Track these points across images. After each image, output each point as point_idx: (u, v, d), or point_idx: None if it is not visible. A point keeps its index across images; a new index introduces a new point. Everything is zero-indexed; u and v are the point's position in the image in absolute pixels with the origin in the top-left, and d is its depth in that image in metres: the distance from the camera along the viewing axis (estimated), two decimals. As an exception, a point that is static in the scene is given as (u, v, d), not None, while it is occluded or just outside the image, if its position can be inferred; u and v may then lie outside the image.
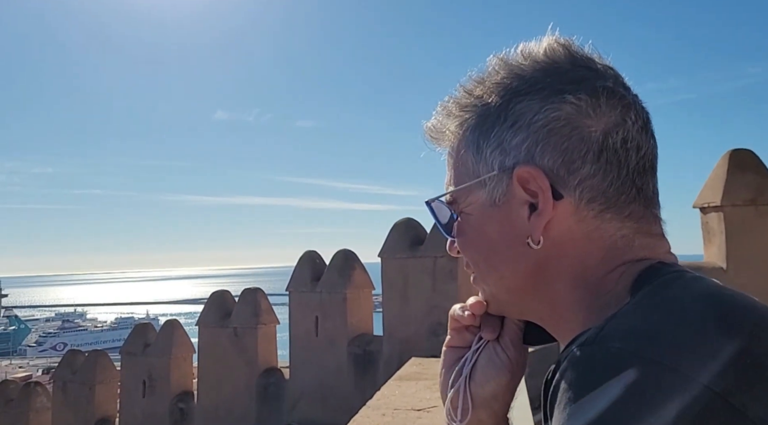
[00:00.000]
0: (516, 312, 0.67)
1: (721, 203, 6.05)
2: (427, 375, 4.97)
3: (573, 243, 0.59)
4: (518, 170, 0.59)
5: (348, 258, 8.73)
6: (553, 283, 0.61)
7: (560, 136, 0.59)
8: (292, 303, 8.99)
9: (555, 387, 0.49)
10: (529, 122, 0.60)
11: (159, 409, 9.71)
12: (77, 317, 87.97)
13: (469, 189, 0.64)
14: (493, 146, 0.61)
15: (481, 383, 0.67)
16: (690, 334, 0.47)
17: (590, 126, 0.59)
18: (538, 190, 0.59)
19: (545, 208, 0.59)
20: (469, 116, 0.64)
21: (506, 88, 0.62)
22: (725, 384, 0.44)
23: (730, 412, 0.43)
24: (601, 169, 0.59)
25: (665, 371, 0.44)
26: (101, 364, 10.70)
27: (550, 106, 0.59)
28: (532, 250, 0.60)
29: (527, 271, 0.61)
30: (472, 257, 0.66)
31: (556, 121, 0.59)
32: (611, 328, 0.49)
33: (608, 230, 0.59)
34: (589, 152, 0.58)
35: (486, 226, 0.63)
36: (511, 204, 0.61)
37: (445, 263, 7.58)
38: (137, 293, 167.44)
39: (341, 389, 8.17)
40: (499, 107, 0.62)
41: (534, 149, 0.59)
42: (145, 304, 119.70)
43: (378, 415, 3.71)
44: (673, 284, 0.54)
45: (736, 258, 5.96)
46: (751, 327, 0.48)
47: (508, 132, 0.61)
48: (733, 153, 6.19)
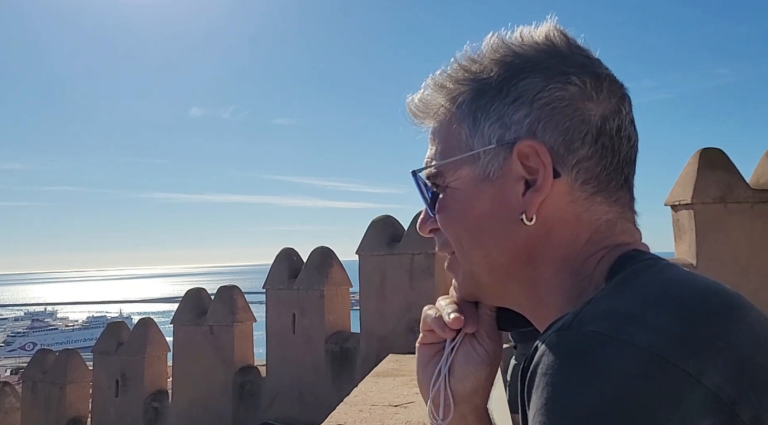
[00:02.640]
0: (493, 297, 0.66)
1: (691, 201, 6.19)
2: (404, 371, 4.99)
3: (563, 223, 0.60)
4: (520, 144, 0.59)
5: (325, 255, 8.70)
6: (538, 264, 0.61)
7: (562, 115, 0.59)
8: (269, 301, 8.92)
9: (532, 372, 0.49)
10: (533, 99, 0.59)
11: (132, 408, 9.55)
12: (47, 316, 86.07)
13: (459, 162, 0.62)
14: (492, 120, 0.61)
15: (460, 379, 0.66)
16: (664, 317, 0.47)
17: (591, 109, 0.60)
18: (539, 165, 0.59)
19: (544, 184, 0.58)
20: (465, 90, 0.63)
21: (508, 65, 0.62)
22: (701, 367, 0.44)
23: (705, 394, 0.44)
24: (597, 153, 0.60)
25: (642, 353, 0.45)
26: (72, 363, 10.47)
27: (554, 85, 0.60)
28: (522, 228, 0.60)
29: (515, 249, 0.61)
30: (456, 234, 0.64)
31: (560, 100, 0.59)
32: (587, 312, 0.49)
33: (597, 213, 0.60)
34: (588, 134, 0.59)
35: (475, 201, 0.62)
36: (506, 179, 0.60)
37: (422, 261, 7.60)
38: (110, 292, 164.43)
39: (318, 386, 8.15)
40: (500, 82, 0.61)
41: (536, 125, 0.59)
42: (118, 303, 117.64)
43: (355, 411, 3.71)
44: (648, 270, 0.55)
45: (705, 254, 6.10)
46: (723, 311, 0.49)
47: (509, 107, 0.60)
48: (703, 152, 6.33)
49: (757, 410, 0.45)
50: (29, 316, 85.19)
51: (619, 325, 0.47)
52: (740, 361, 0.46)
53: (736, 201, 6.18)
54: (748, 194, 6.22)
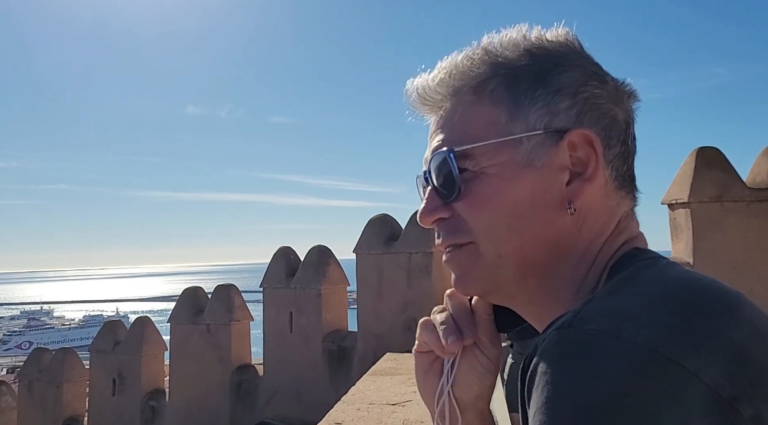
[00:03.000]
0: (507, 293, 0.63)
1: (688, 200, 6.20)
2: (401, 370, 4.99)
3: (595, 216, 0.61)
4: (573, 132, 0.59)
5: (323, 254, 8.69)
6: (566, 257, 0.60)
7: (601, 112, 0.61)
8: (266, 299, 8.91)
9: (533, 371, 0.49)
10: (575, 92, 0.60)
11: (129, 407, 9.53)
12: (43, 315, 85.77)
13: (496, 146, 0.60)
14: (538, 106, 0.59)
15: (465, 390, 0.66)
16: (664, 315, 0.47)
17: (618, 112, 0.62)
18: (590, 155, 0.59)
19: (595, 174, 0.59)
20: (502, 73, 0.61)
21: (545, 57, 0.61)
22: (701, 364, 0.45)
23: (705, 391, 0.44)
24: (624, 153, 0.62)
25: (642, 351, 0.45)
26: (69, 362, 10.44)
27: (593, 82, 0.61)
28: (560, 218, 0.59)
29: (551, 240, 0.59)
30: (488, 222, 0.60)
31: (598, 97, 0.61)
32: (587, 311, 0.49)
33: (623, 208, 0.62)
34: (621, 134, 0.62)
35: (515, 187, 0.59)
36: (550, 168, 0.59)
37: (419, 260, 7.60)
38: (106, 291, 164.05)
39: (316, 385, 8.14)
40: (540, 71, 0.61)
41: (582, 116, 0.60)
42: (115, 301, 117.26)
43: (353, 410, 3.71)
44: (649, 269, 0.55)
45: (702, 253, 6.12)
46: (723, 309, 0.49)
47: (553, 96, 0.60)
48: (699, 151, 6.34)
49: (757, 407, 0.45)
50: (25, 315, 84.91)
51: (619, 323, 0.47)
52: (740, 358, 0.46)
53: (732, 200, 6.19)
54: (744, 193, 6.23)
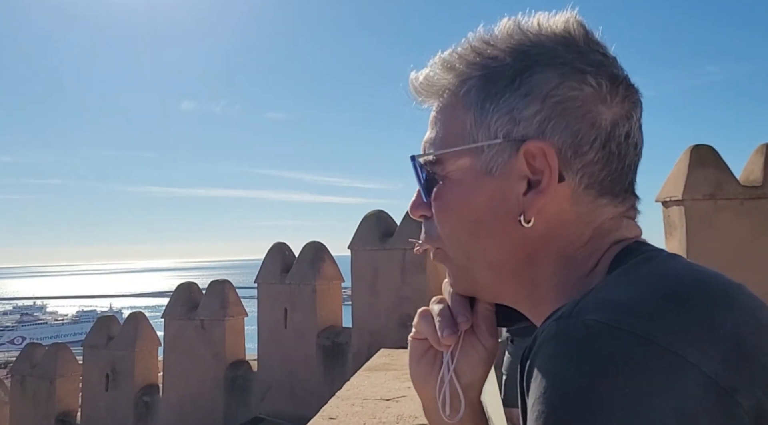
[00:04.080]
0: (490, 293, 0.64)
1: (682, 197, 6.23)
2: (396, 365, 5.00)
3: (564, 225, 0.59)
4: (529, 144, 0.57)
5: (317, 250, 8.68)
6: (538, 263, 0.60)
7: (574, 117, 0.57)
8: (261, 295, 8.89)
9: (532, 361, 0.49)
10: (545, 96, 0.57)
11: (123, 403, 9.50)
12: (36, 310, 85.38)
13: (461, 153, 0.60)
14: (501, 113, 0.58)
15: (458, 375, 0.66)
16: (664, 305, 0.47)
17: (602, 113, 0.58)
18: (545, 168, 0.57)
19: (547, 187, 0.57)
20: (475, 74, 0.60)
21: (524, 55, 0.59)
22: (701, 354, 0.44)
23: (704, 381, 0.44)
24: (604, 158, 0.58)
25: (641, 341, 0.45)
26: (62, 357, 10.40)
27: (569, 83, 0.57)
28: (520, 227, 0.58)
29: (514, 248, 0.59)
30: (452, 227, 0.61)
31: (573, 100, 0.57)
32: (586, 302, 0.49)
33: (601, 215, 0.59)
34: (597, 139, 0.57)
35: (474, 195, 0.59)
36: (508, 177, 0.58)
37: (414, 256, 7.60)
38: (100, 286, 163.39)
39: (310, 381, 8.15)
40: (514, 72, 0.58)
41: (546, 124, 0.57)
42: (108, 297, 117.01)
43: (347, 405, 3.72)
44: (649, 261, 0.55)
45: (695, 251, 6.15)
46: (724, 300, 0.49)
47: (520, 101, 0.57)
48: (694, 149, 6.37)
49: (757, 397, 0.45)
50: (18, 310, 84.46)
51: (619, 314, 0.46)
52: (741, 349, 0.46)
53: (726, 198, 6.22)
54: (737, 190, 6.26)
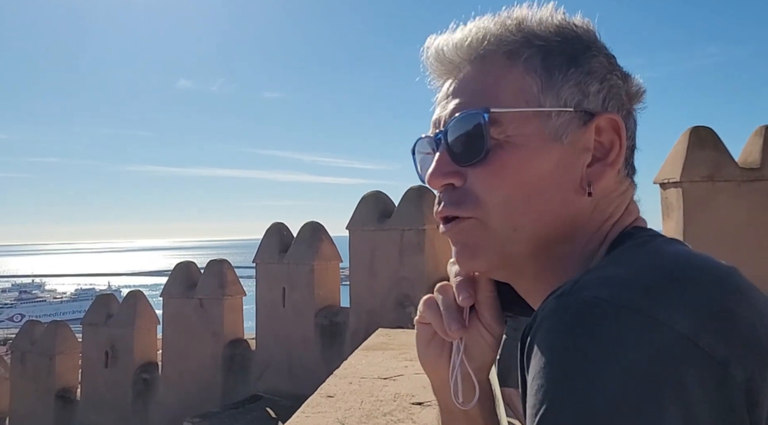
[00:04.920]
0: (516, 269, 0.62)
1: (680, 179, 6.23)
2: (393, 345, 5.04)
3: (608, 200, 0.62)
4: (602, 117, 0.60)
5: (316, 230, 8.69)
6: (578, 237, 0.60)
7: (621, 103, 0.62)
8: (259, 275, 8.93)
9: (532, 337, 0.49)
10: (603, 78, 0.61)
11: (122, 380, 9.59)
12: (35, 288, 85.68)
13: (526, 115, 0.59)
14: (571, 84, 0.60)
15: (468, 362, 0.67)
16: (660, 283, 0.49)
17: (632, 108, 0.64)
18: (614, 141, 0.61)
19: (617, 159, 0.61)
20: (538, 44, 0.61)
21: (577, 39, 0.62)
22: (696, 328, 0.46)
23: (699, 354, 0.45)
24: (632, 141, 0.64)
25: (638, 316, 0.46)
26: (61, 335, 10.47)
27: (616, 73, 0.63)
28: (577, 198, 0.60)
29: (565, 219, 0.60)
30: (504, 193, 0.58)
31: (618, 87, 0.62)
32: (586, 280, 0.50)
33: (630, 193, 0.64)
34: (632, 127, 0.64)
35: (540, 160, 0.58)
36: (574, 146, 0.60)
37: (412, 236, 7.62)
38: (98, 265, 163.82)
39: (308, 360, 8.22)
40: (574, 51, 0.61)
41: (608, 102, 0.61)
42: (107, 275, 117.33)
43: (345, 383, 3.75)
44: (646, 244, 0.57)
45: (692, 233, 6.16)
46: (717, 280, 0.50)
47: (585, 77, 0.61)
48: (693, 130, 6.35)
49: (750, 371, 0.46)
50: (17, 288, 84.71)
51: (617, 290, 0.48)
52: (734, 325, 0.47)
53: (724, 180, 6.22)
54: (736, 172, 6.26)
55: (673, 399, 0.43)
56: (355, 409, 3.24)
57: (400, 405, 3.31)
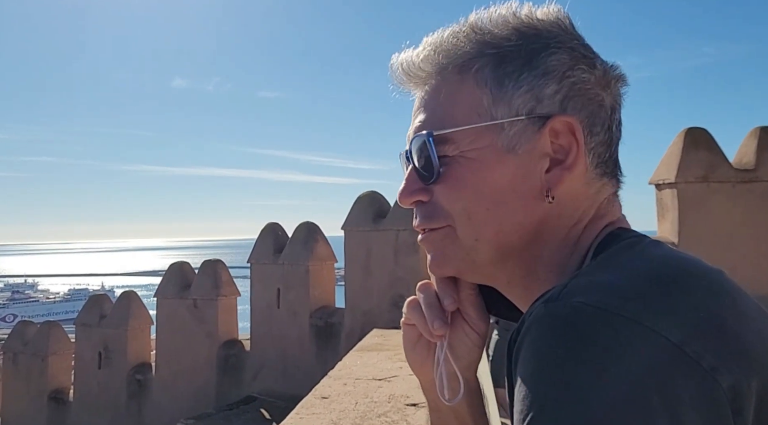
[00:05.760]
0: (486, 274, 0.63)
1: (675, 180, 6.25)
2: (388, 345, 5.04)
3: (575, 204, 0.60)
4: (555, 119, 0.58)
5: (311, 230, 8.67)
6: (543, 243, 0.60)
7: (587, 98, 0.60)
8: (254, 275, 8.90)
9: (519, 343, 0.49)
10: (562, 76, 0.59)
11: (115, 381, 9.55)
12: (28, 288, 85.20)
13: (478, 130, 0.59)
14: (522, 91, 0.58)
15: (454, 360, 0.67)
16: (649, 289, 0.48)
17: (605, 98, 0.61)
18: (571, 144, 0.59)
19: (575, 163, 0.59)
20: (490, 53, 0.60)
21: (535, 37, 0.60)
22: (684, 336, 0.45)
23: (687, 362, 0.45)
24: (608, 140, 0.61)
25: (627, 323, 0.45)
26: (54, 335, 10.41)
27: (581, 66, 0.60)
28: (540, 205, 0.59)
29: (529, 227, 0.60)
30: (465, 206, 0.60)
31: (585, 82, 0.59)
32: (574, 285, 0.50)
33: (603, 194, 0.62)
34: (605, 121, 0.61)
35: (495, 173, 0.59)
36: (530, 154, 0.59)
37: (407, 237, 7.62)
38: (92, 265, 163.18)
39: (303, 360, 8.20)
40: (528, 53, 0.59)
41: (567, 102, 0.59)
42: (100, 276, 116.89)
43: (339, 384, 3.74)
44: (633, 247, 0.57)
45: (687, 233, 6.19)
46: (706, 285, 0.51)
47: (539, 80, 0.58)
48: (688, 131, 6.38)
49: (736, 377, 0.46)
50: (9, 288, 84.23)
51: (605, 296, 0.47)
52: (723, 332, 0.47)
53: (718, 181, 6.25)
54: (730, 173, 6.29)
55: (661, 406, 0.43)
56: (350, 410, 3.23)
57: (395, 407, 3.31)
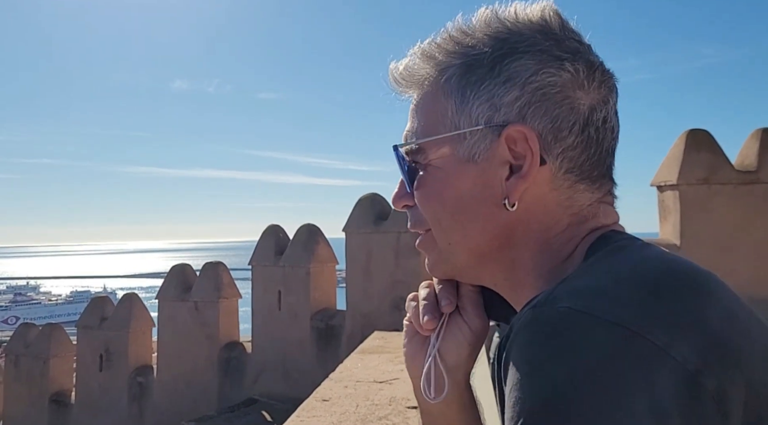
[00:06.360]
0: (471, 276, 0.66)
1: (677, 182, 6.24)
2: (389, 348, 5.03)
3: (544, 209, 0.60)
4: (510, 128, 0.59)
5: (312, 233, 8.68)
6: (517, 247, 0.61)
7: (553, 102, 0.59)
8: (255, 277, 8.91)
9: (508, 348, 0.50)
10: (525, 82, 0.59)
11: (117, 383, 9.55)
12: (30, 290, 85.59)
13: (443, 141, 0.62)
14: (482, 100, 0.60)
15: (443, 355, 0.67)
16: (636, 292, 0.49)
17: (580, 98, 0.60)
18: (527, 152, 0.59)
19: (530, 171, 0.59)
20: (455, 63, 0.62)
21: (502, 42, 0.60)
22: (669, 339, 0.46)
23: (672, 364, 0.45)
24: (583, 143, 0.60)
25: (613, 327, 0.46)
26: (56, 338, 10.42)
27: (548, 69, 0.59)
28: (503, 212, 0.60)
29: (495, 232, 0.61)
30: (434, 213, 0.63)
31: (551, 86, 0.59)
32: (560, 290, 0.50)
33: (579, 200, 0.61)
34: (576, 124, 0.59)
35: (457, 181, 0.61)
36: (490, 162, 0.60)
37: (408, 239, 7.61)
38: (93, 267, 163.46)
39: (304, 363, 8.20)
40: (493, 60, 0.60)
41: (526, 109, 0.59)
42: (102, 278, 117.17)
43: (340, 387, 3.74)
44: (623, 250, 0.57)
45: (689, 235, 6.18)
46: (693, 287, 0.50)
47: (500, 88, 0.59)
48: (690, 133, 6.37)
49: (721, 381, 0.46)
50: (11, 290, 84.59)
51: (591, 301, 0.48)
52: (709, 335, 0.47)
53: (720, 182, 6.24)
54: (732, 175, 6.28)
55: (646, 409, 0.43)
56: (351, 413, 3.23)
57: (396, 409, 3.30)
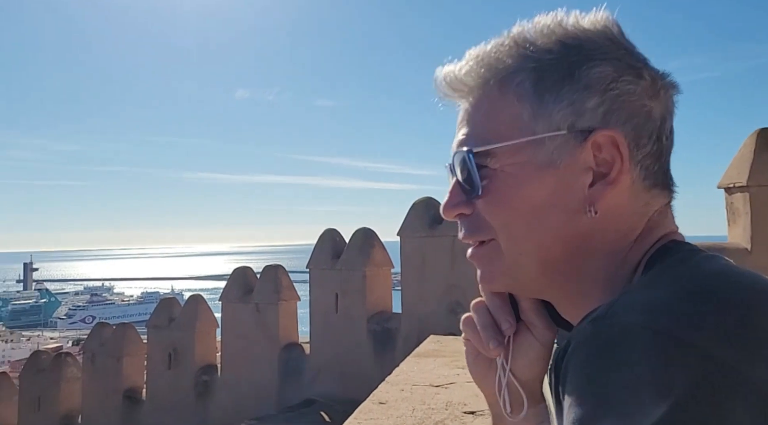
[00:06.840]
0: (532, 289, 0.63)
1: (747, 183, 5.92)
2: (445, 352, 5.01)
3: (621, 217, 0.59)
4: (598, 133, 0.57)
5: (367, 237, 8.76)
6: (589, 257, 0.59)
7: (632, 109, 0.58)
8: (313, 280, 9.08)
9: (566, 363, 0.49)
10: (606, 88, 0.57)
11: (184, 381, 9.93)
12: (104, 291, 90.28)
13: (517, 146, 0.58)
14: (563, 105, 0.57)
15: (517, 376, 0.67)
16: (700, 308, 0.47)
17: (654, 108, 0.59)
18: (615, 157, 0.57)
19: (618, 177, 0.57)
20: (530, 67, 0.59)
21: (577, 49, 0.59)
22: (737, 356, 0.44)
23: (742, 382, 0.43)
24: (657, 151, 0.59)
25: (672, 342, 0.45)
26: (128, 337, 10.95)
27: (626, 77, 0.58)
28: (582, 220, 0.58)
29: (569, 241, 0.58)
30: (505, 221, 0.60)
31: (631, 94, 0.58)
32: (621, 303, 0.49)
33: (652, 208, 0.60)
34: (653, 132, 0.59)
35: (533, 187, 0.58)
36: (572, 168, 0.58)
37: (464, 243, 7.55)
38: (161, 269, 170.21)
39: (360, 365, 8.27)
40: (570, 66, 0.58)
41: (610, 116, 0.57)
42: (170, 279, 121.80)
43: (397, 390, 3.77)
44: (685, 262, 0.55)
45: (760, 239, 5.84)
46: (761, 301, 0.48)
47: (581, 93, 0.57)
48: (761, 132, 6.02)
49: None
50: (88, 291, 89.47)
51: (653, 316, 0.46)
52: None
53: (795, 184, 5.87)
54: (809, 175, 5.90)
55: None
56: (407, 416, 3.25)
57: (452, 414, 3.30)
